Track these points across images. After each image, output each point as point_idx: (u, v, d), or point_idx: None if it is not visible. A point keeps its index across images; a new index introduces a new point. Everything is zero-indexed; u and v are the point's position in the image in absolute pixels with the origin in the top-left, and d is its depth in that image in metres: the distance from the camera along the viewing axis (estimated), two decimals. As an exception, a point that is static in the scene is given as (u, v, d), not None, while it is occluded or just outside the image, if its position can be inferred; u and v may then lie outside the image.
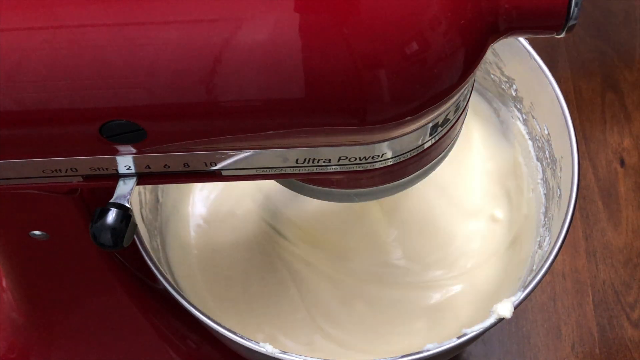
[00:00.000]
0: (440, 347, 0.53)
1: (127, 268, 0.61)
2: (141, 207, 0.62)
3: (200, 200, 0.73)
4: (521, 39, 0.63)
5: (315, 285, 0.69)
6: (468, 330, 0.54)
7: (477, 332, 0.54)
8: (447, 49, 0.37)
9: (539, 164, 0.67)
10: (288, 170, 0.44)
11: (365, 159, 0.43)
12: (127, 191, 0.44)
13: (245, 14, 0.36)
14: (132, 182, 0.45)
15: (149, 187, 0.65)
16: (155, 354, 0.67)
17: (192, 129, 0.40)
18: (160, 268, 0.56)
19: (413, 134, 0.42)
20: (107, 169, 0.44)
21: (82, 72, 0.37)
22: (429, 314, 0.68)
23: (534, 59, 0.63)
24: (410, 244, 0.71)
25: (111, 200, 0.44)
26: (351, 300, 0.68)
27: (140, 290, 0.63)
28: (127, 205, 0.44)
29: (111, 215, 0.43)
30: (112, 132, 0.39)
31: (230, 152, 0.43)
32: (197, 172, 0.44)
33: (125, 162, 0.43)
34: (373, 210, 0.70)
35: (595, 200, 0.83)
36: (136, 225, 0.45)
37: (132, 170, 0.44)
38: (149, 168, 0.44)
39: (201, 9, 0.36)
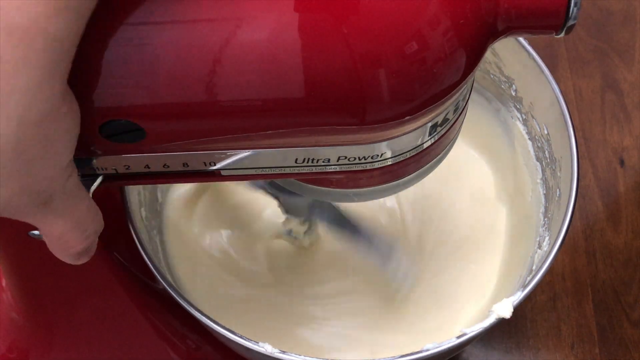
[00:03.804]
0: (440, 347, 0.53)
1: (127, 268, 0.61)
2: (141, 207, 0.62)
3: (200, 199, 0.73)
4: (521, 39, 0.63)
5: (318, 287, 0.69)
6: (468, 330, 0.54)
7: (477, 332, 0.54)
8: (446, 49, 0.37)
9: (538, 164, 0.67)
10: (287, 170, 0.44)
11: (365, 159, 0.43)
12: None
13: (245, 13, 0.36)
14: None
15: (149, 187, 0.65)
16: (155, 354, 0.67)
17: (191, 128, 0.40)
18: (160, 268, 0.56)
19: (412, 134, 0.42)
20: (105, 168, 0.44)
21: (81, 72, 0.37)
22: (429, 313, 0.68)
23: (534, 59, 0.63)
24: (409, 244, 0.71)
25: None
26: (352, 296, 0.69)
27: (140, 290, 0.63)
28: None
29: None
30: (111, 131, 0.39)
31: (229, 152, 0.43)
32: (197, 172, 0.44)
33: (124, 162, 0.43)
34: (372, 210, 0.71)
35: (595, 200, 0.83)
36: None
37: (131, 170, 0.44)
38: (149, 168, 0.44)
39: (201, 9, 0.36)
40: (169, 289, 0.55)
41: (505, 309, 0.54)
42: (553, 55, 0.93)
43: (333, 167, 0.43)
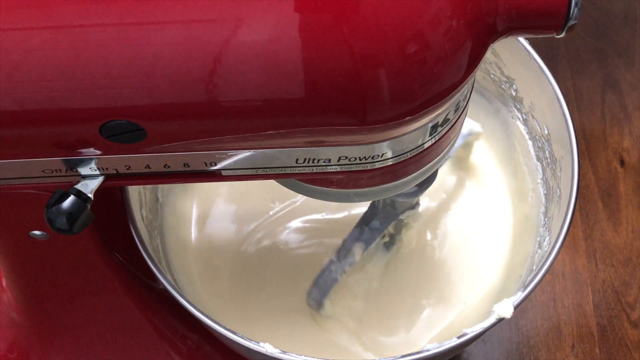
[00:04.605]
0: (440, 347, 0.53)
1: (127, 268, 0.61)
2: (141, 207, 0.62)
3: (200, 200, 0.73)
4: (521, 39, 0.63)
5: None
6: (468, 330, 0.54)
7: (477, 332, 0.54)
8: (446, 49, 0.37)
9: (539, 164, 0.67)
10: (288, 170, 0.44)
11: (365, 159, 0.43)
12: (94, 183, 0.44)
13: (245, 13, 0.36)
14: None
15: (149, 187, 0.65)
16: (155, 354, 0.67)
17: (191, 128, 0.40)
18: (161, 268, 0.56)
19: (413, 134, 0.42)
20: (106, 169, 0.44)
21: (82, 72, 0.37)
22: (429, 313, 0.68)
23: (534, 59, 0.63)
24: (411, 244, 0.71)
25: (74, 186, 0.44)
26: (353, 296, 0.68)
27: (140, 290, 0.63)
28: (88, 194, 0.44)
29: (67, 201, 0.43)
30: (111, 132, 0.39)
31: (230, 152, 0.43)
32: (197, 172, 0.44)
33: (125, 162, 0.43)
34: None
35: (595, 200, 0.83)
36: (92, 215, 0.45)
37: (132, 170, 0.44)
38: (149, 168, 0.44)
39: (201, 9, 0.36)
40: (169, 289, 0.55)
41: (505, 309, 0.54)
42: (553, 55, 0.93)
43: (334, 167, 0.43)
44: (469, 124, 0.66)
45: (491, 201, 0.73)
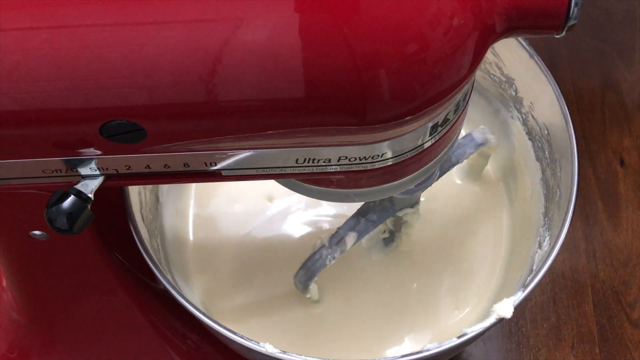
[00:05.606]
0: (440, 347, 0.53)
1: (127, 268, 0.61)
2: (141, 207, 0.62)
3: (199, 200, 0.73)
4: (521, 39, 0.63)
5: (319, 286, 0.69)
6: (468, 330, 0.54)
7: (477, 332, 0.54)
8: (446, 49, 0.37)
9: (538, 164, 0.67)
10: (288, 170, 0.44)
11: (365, 159, 0.43)
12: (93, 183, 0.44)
13: (245, 14, 0.36)
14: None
15: (149, 187, 0.65)
16: (155, 354, 0.67)
17: (192, 128, 0.40)
18: (161, 268, 0.56)
19: (413, 134, 0.42)
20: (107, 169, 0.44)
21: (82, 72, 0.37)
22: (429, 313, 0.68)
23: (534, 59, 0.63)
24: (410, 244, 0.71)
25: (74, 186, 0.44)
26: (354, 295, 0.69)
27: (140, 290, 0.64)
28: (88, 194, 0.44)
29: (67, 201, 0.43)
30: (112, 132, 0.39)
31: (230, 152, 0.43)
32: (197, 172, 0.44)
33: (125, 162, 0.43)
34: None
35: (595, 200, 0.83)
36: (92, 215, 0.45)
37: (132, 170, 0.44)
38: (149, 168, 0.44)
39: (201, 9, 0.36)
40: (170, 289, 0.55)
41: (506, 309, 0.54)
42: (553, 55, 0.93)
43: (334, 167, 0.43)
44: (484, 133, 0.66)
45: (491, 201, 0.73)
